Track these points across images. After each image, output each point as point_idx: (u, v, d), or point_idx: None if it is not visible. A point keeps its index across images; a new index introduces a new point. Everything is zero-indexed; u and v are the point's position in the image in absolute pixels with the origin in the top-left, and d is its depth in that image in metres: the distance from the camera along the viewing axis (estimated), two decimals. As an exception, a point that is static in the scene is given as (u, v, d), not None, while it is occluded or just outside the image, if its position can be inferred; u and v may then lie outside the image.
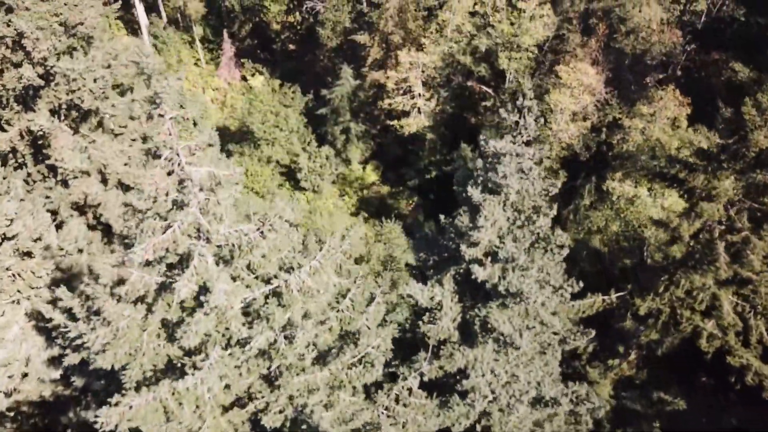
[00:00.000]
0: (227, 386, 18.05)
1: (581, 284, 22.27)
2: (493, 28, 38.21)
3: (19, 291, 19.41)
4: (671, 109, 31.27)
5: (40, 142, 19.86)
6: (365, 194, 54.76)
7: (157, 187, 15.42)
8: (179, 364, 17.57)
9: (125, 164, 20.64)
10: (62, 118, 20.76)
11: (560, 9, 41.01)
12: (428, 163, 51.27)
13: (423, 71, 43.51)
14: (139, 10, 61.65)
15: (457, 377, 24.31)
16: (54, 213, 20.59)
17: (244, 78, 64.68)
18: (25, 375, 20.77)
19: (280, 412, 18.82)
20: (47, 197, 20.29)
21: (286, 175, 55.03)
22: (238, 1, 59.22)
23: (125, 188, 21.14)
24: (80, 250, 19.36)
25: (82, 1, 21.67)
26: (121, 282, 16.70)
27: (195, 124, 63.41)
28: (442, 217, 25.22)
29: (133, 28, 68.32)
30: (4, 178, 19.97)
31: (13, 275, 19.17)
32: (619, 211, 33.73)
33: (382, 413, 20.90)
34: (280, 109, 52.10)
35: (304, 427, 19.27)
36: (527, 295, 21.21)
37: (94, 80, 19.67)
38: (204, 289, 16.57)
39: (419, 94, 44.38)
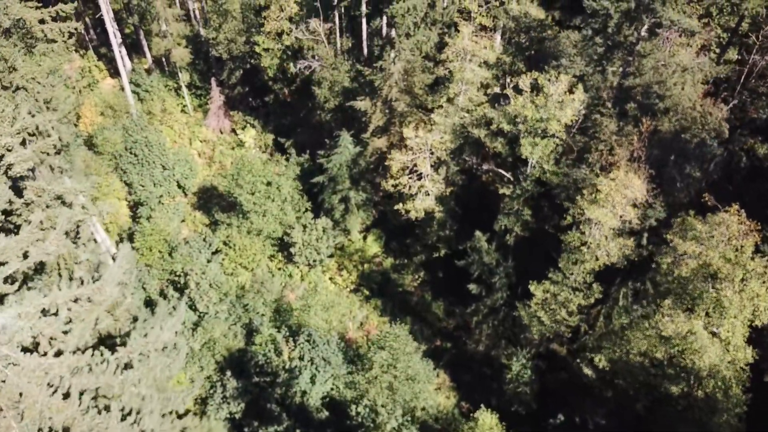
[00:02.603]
0: None
1: None
2: (515, 112, 32.90)
3: None
4: (734, 231, 26.11)
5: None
6: (366, 269, 49.40)
7: None
8: None
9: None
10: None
11: (590, 84, 35.69)
12: (436, 239, 45.91)
13: (432, 152, 38.21)
14: (117, 56, 56.28)
15: None
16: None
17: (234, 131, 59.41)
18: None
19: None
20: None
21: (279, 246, 49.73)
22: (226, 50, 53.86)
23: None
24: None
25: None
26: None
27: (180, 186, 57.31)
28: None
29: (116, 68, 63.11)
30: None
31: None
32: (666, 340, 28.52)
33: None
34: (272, 177, 46.78)
35: None
36: None
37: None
38: None
39: (427, 175, 39.10)
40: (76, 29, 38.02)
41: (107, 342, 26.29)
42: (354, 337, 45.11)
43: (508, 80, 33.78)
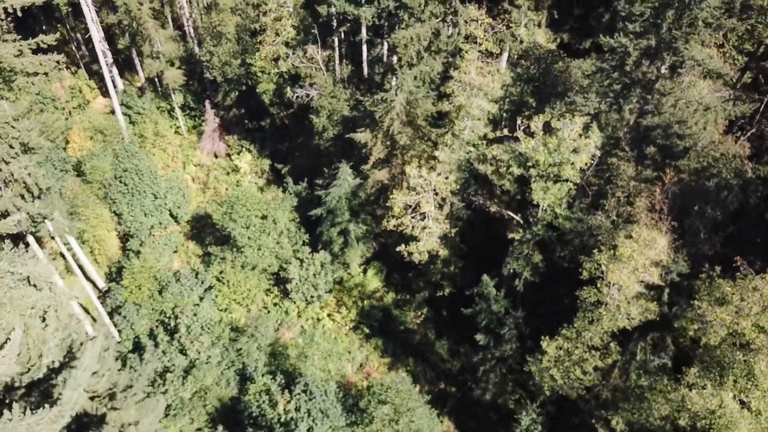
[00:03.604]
0: None
1: None
2: (526, 154, 30.69)
3: None
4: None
5: None
6: (366, 305, 47.16)
7: None
8: None
9: None
10: None
11: (605, 123, 33.46)
12: (440, 277, 43.64)
13: (436, 192, 36.00)
14: (107, 78, 54.03)
15: None
16: None
17: (229, 155, 57.18)
18: None
19: None
20: None
21: (275, 280, 47.51)
22: (220, 73, 51.63)
23: None
24: None
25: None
26: None
27: (172, 215, 54.52)
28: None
29: (108, 86, 60.90)
30: None
31: None
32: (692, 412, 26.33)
33: None
34: (267, 210, 44.53)
35: None
36: None
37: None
38: None
39: (430, 216, 36.88)
40: (58, 62, 35.84)
41: (83, 419, 24.17)
42: (354, 380, 42.91)
43: (518, 121, 31.51)
